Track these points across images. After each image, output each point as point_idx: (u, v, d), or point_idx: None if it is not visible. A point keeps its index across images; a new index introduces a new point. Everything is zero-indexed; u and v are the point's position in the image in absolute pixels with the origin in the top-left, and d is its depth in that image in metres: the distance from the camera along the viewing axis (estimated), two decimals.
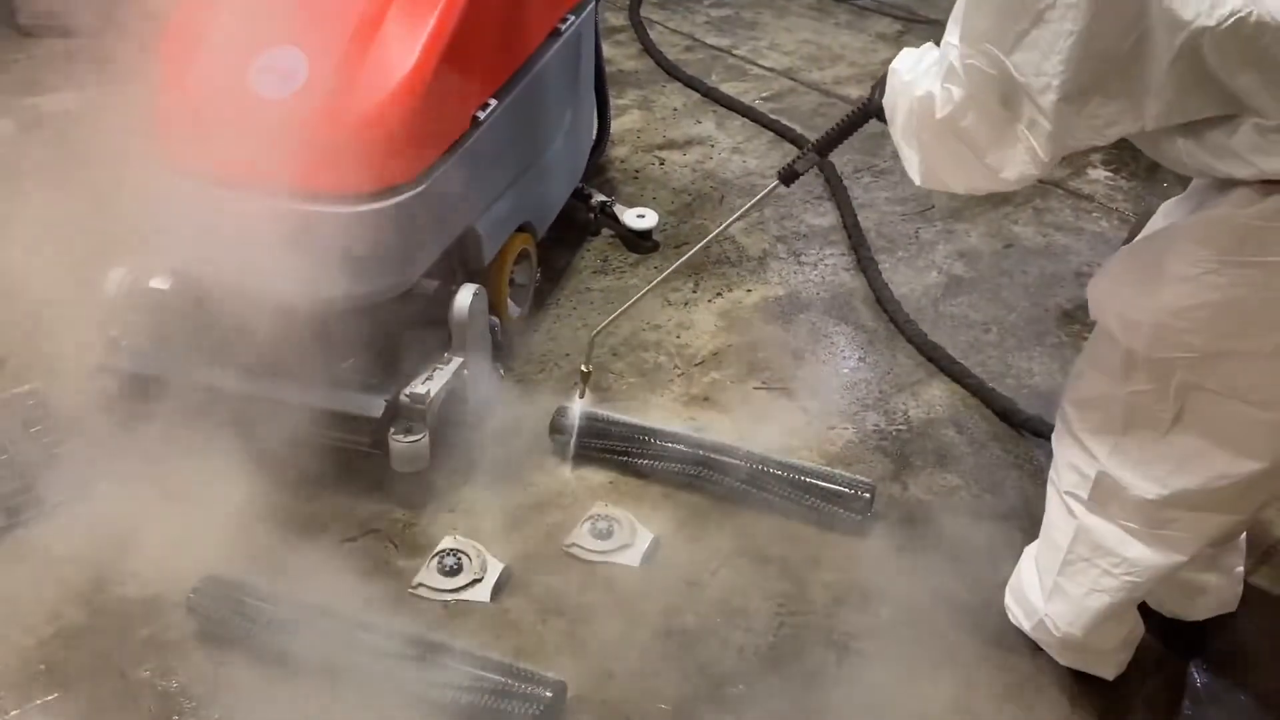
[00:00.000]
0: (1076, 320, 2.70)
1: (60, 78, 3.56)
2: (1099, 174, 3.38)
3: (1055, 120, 1.31)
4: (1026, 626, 1.81)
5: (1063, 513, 1.68)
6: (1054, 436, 1.73)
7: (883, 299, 2.71)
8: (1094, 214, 3.17)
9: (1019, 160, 1.38)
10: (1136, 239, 1.63)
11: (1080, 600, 1.68)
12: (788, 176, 1.95)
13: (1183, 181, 1.63)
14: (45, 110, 3.41)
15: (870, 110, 1.69)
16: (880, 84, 1.62)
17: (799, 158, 1.92)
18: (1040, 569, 1.76)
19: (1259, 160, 1.30)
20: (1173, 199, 1.63)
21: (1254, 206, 1.34)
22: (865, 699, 1.76)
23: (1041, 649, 1.81)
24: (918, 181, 1.55)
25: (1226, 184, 1.38)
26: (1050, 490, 1.73)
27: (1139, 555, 1.59)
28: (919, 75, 1.49)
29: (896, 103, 1.54)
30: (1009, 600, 1.86)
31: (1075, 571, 1.68)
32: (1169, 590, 1.82)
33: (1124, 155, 3.47)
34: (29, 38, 3.85)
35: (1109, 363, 1.56)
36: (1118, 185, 3.33)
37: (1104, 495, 1.59)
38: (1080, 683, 1.79)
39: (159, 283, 2.12)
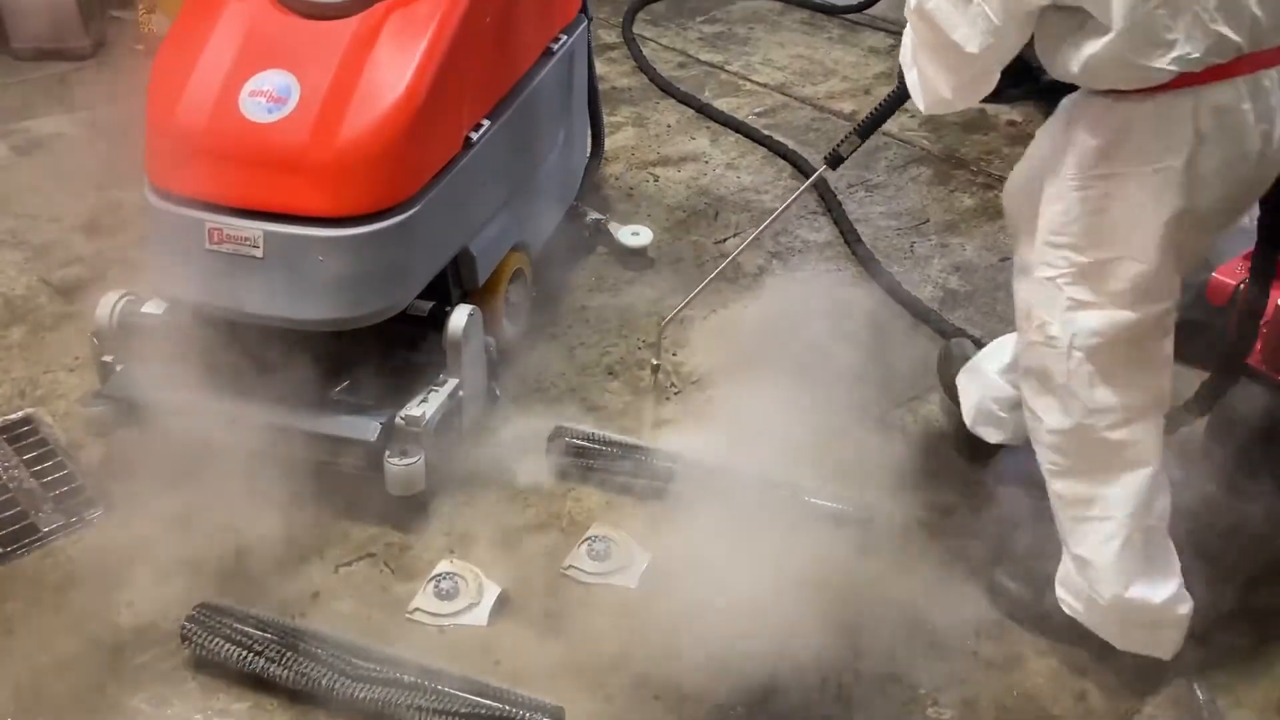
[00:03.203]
0: None
1: (53, 102, 3.58)
2: None
3: None
4: (1080, 611, 1.81)
5: (1049, 486, 1.80)
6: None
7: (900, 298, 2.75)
8: None
9: (979, 29, 1.54)
10: (1023, 159, 1.84)
11: (1099, 553, 1.73)
12: (834, 160, 2.10)
13: None
14: (38, 134, 3.42)
15: (905, 91, 1.79)
16: None
17: (843, 141, 2.07)
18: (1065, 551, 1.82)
19: (1086, 59, 1.51)
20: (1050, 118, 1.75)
21: (1105, 120, 1.55)
22: None
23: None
24: (922, 107, 1.72)
25: (1085, 97, 1.60)
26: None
27: (1111, 493, 1.71)
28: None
29: (904, 40, 1.73)
30: (1060, 592, 1.85)
31: (1079, 534, 1.76)
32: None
33: None
34: (22, 62, 3.85)
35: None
36: None
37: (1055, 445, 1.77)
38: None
39: (152, 308, 2.11)
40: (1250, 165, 1.58)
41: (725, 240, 3.05)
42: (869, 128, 2.02)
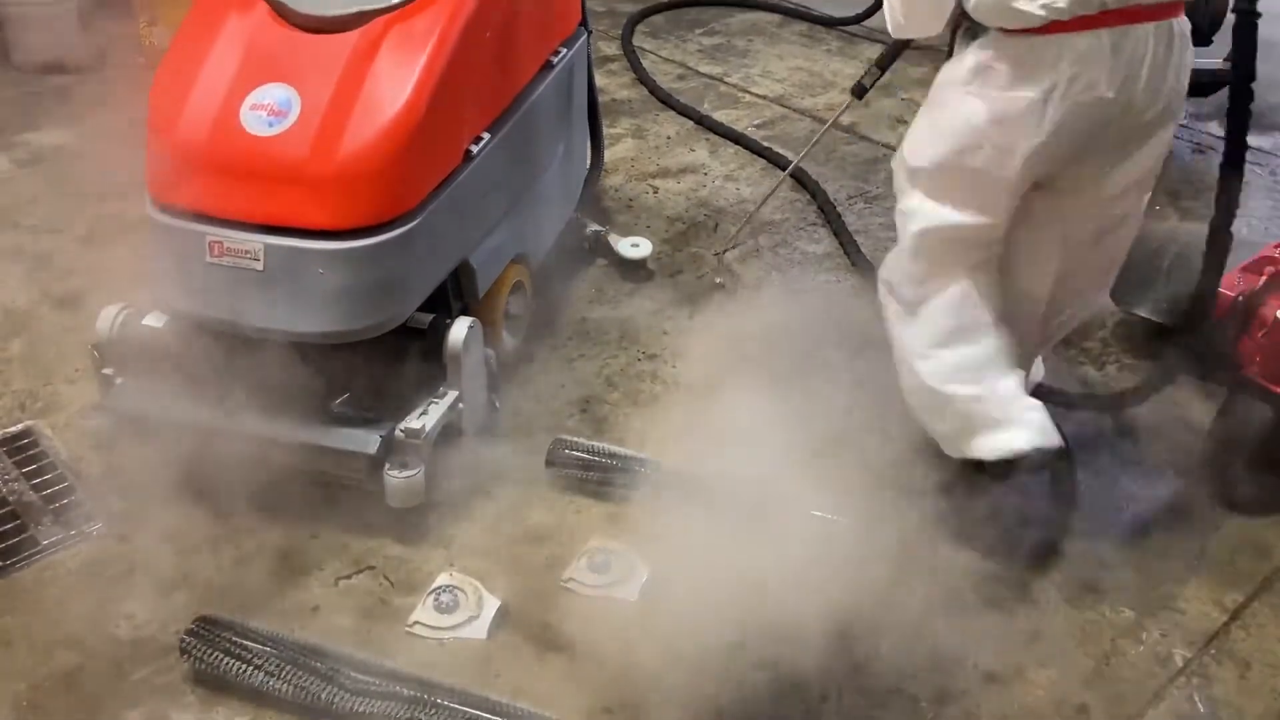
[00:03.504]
0: (1073, 345, 2.70)
1: (54, 114, 3.58)
2: None
3: None
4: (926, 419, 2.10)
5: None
6: None
7: None
8: None
9: None
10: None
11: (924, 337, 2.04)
12: (859, 91, 2.63)
13: (1175, 202, 2.12)
14: (39, 146, 3.42)
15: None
16: None
17: (865, 74, 2.59)
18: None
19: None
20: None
21: (988, 49, 1.82)
22: None
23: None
24: (890, 29, 1.96)
25: (985, 32, 1.83)
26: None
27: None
28: None
29: None
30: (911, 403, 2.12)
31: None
32: None
33: None
34: (23, 74, 3.86)
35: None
36: None
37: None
38: None
39: (153, 320, 2.11)
40: (1103, 108, 1.80)
41: (725, 251, 3.06)
42: (887, 61, 2.49)
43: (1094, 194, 1.96)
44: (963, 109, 1.87)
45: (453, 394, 2.12)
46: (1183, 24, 1.83)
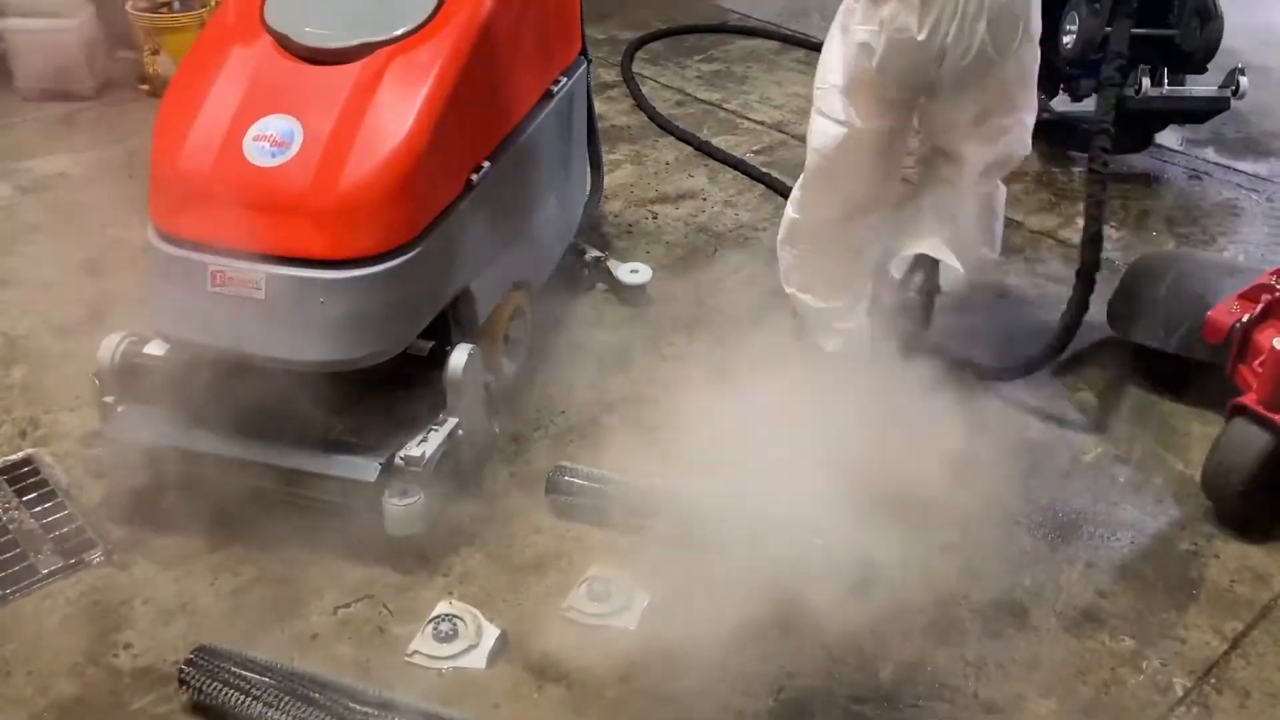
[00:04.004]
0: (1071, 371, 2.71)
1: (57, 142, 3.61)
2: None
3: None
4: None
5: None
6: None
7: None
8: None
9: None
10: None
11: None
12: None
13: (1171, 229, 2.47)
14: (41, 174, 3.44)
15: None
16: None
17: None
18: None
19: None
20: None
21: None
22: None
23: None
24: None
25: None
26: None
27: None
28: None
29: None
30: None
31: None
32: None
33: (1112, 205, 3.50)
34: (26, 102, 3.89)
35: None
36: (1107, 235, 3.33)
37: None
38: None
39: (154, 349, 2.11)
40: (917, 48, 2.20)
41: (724, 277, 3.07)
42: None
43: (954, 120, 2.42)
44: (832, 44, 2.36)
45: (452, 421, 2.13)
46: None
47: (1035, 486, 2.34)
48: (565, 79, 2.67)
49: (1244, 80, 3.39)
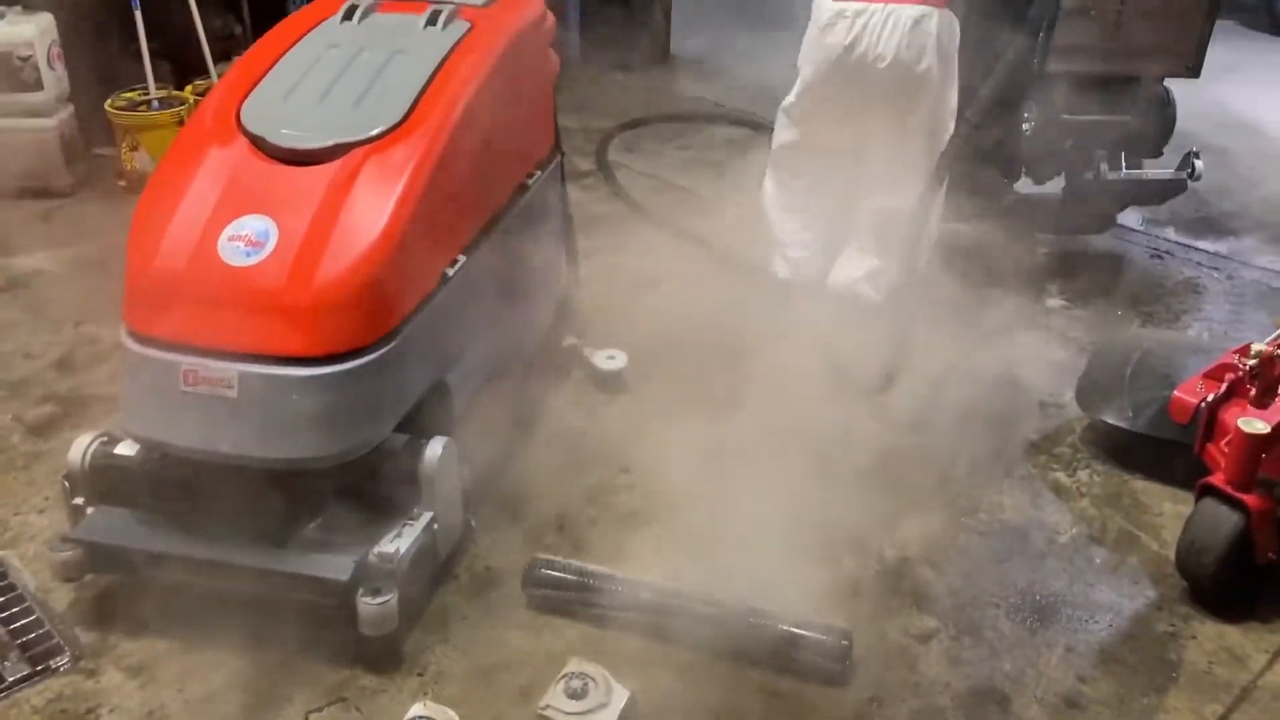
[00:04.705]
0: (1043, 451, 2.73)
1: (34, 238, 3.62)
2: (1055, 302, 3.47)
3: None
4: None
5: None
6: None
7: None
8: (1052, 343, 3.24)
9: None
10: None
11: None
12: None
13: (1135, 307, 3.17)
14: (17, 271, 3.45)
15: None
16: None
17: None
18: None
19: None
20: None
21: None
22: None
23: None
24: None
25: None
26: None
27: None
28: None
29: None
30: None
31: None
32: None
33: (1079, 285, 3.57)
34: (4, 199, 3.90)
35: None
36: (1073, 314, 3.41)
37: None
38: None
39: (125, 449, 2.10)
40: (841, 55, 2.88)
41: (701, 361, 3.09)
42: None
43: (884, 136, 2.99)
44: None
45: (427, 515, 2.11)
46: (913, 13, 2.82)
47: (1012, 569, 2.34)
48: (540, 171, 2.72)
49: (1199, 163, 3.50)
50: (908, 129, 2.96)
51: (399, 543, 2.03)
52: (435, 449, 2.12)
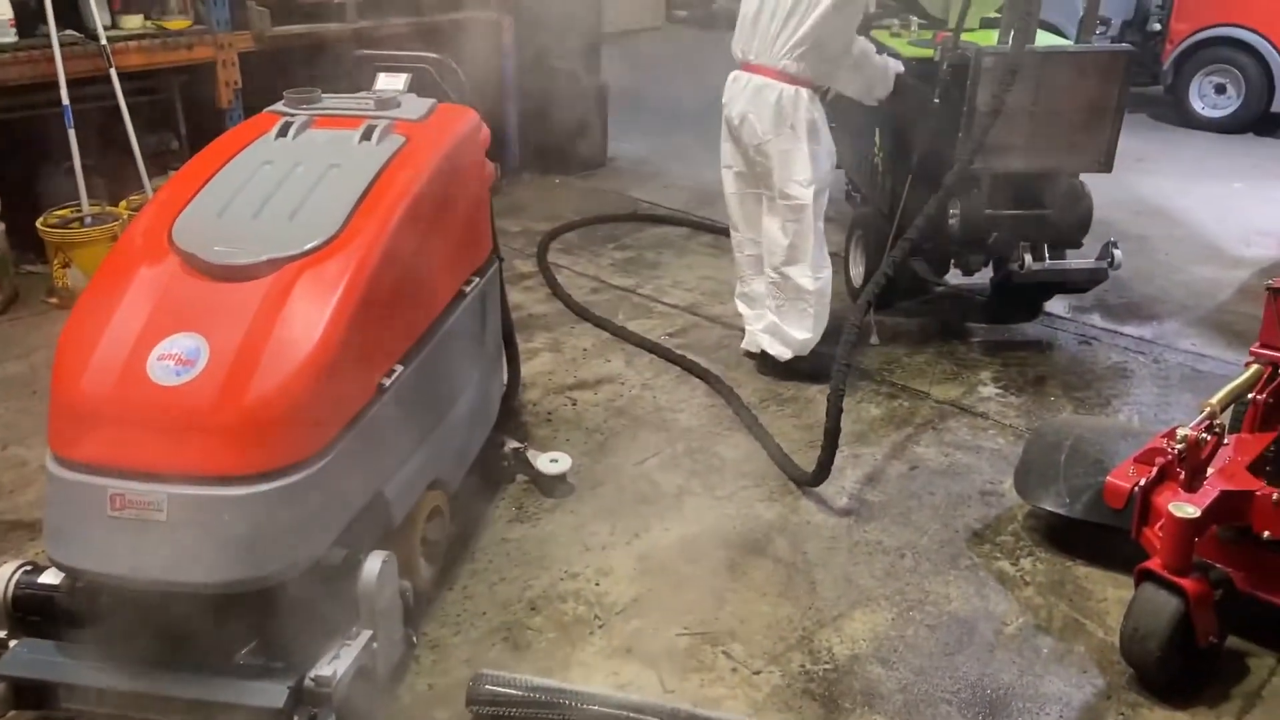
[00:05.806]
0: (987, 540, 2.75)
1: None
2: (989, 390, 3.55)
3: None
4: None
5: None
6: None
7: None
8: (989, 431, 3.30)
9: None
10: None
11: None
12: None
13: (1067, 393, 3.52)
14: None
15: None
16: None
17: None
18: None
19: None
20: None
21: None
22: None
23: None
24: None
25: None
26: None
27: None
28: None
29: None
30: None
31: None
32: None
33: (1010, 373, 3.66)
34: None
35: None
36: (1008, 402, 3.48)
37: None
38: None
39: (50, 578, 2.03)
40: (730, 113, 3.46)
41: (644, 461, 3.09)
42: None
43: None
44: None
45: (366, 634, 2.05)
46: (776, 87, 3.30)
47: (962, 662, 2.33)
48: (478, 278, 2.73)
49: (1118, 253, 3.64)
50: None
51: (336, 665, 1.96)
52: (374, 564, 2.07)
